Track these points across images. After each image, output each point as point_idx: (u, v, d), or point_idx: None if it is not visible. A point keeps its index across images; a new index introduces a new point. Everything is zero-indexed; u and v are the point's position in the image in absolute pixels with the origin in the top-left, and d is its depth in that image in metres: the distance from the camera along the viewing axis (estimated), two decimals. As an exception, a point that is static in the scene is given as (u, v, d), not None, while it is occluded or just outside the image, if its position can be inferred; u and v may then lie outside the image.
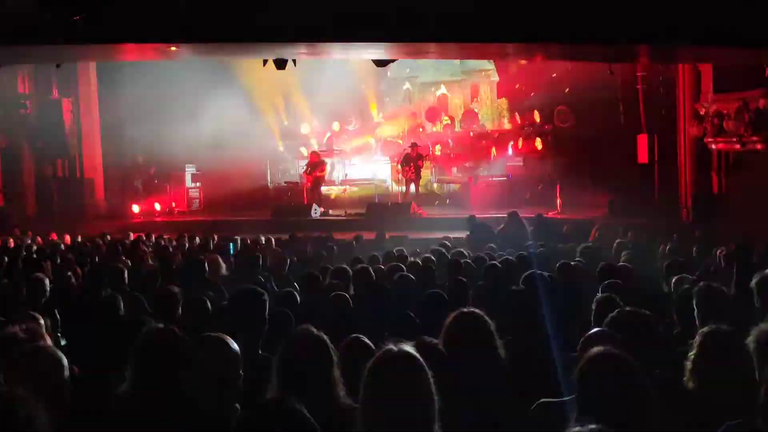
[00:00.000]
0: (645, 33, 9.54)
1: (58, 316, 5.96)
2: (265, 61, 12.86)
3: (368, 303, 5.71)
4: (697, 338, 3.33)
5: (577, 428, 2.17)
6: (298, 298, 5.88)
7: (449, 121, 21.90)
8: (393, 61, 12.59)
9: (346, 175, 20.71)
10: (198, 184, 19.94)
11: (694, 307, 4.58)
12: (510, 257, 7.83)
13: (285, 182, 20.71)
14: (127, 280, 7.18)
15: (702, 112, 15.43)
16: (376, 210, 17.49)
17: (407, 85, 23.19)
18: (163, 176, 19.69)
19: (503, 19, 7.48)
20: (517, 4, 7.51)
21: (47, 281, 6.64)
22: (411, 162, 18.22)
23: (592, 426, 2.15)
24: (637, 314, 3.75)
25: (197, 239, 12.20)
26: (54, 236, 13.32)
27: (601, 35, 9.54)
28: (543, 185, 18.80)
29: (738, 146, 14.53)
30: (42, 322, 4.61)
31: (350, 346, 3.71)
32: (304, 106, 21.77)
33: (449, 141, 21.07)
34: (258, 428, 2.31)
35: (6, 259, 9.25)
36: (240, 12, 8.72)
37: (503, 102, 22.45)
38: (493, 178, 19.38)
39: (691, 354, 3.30)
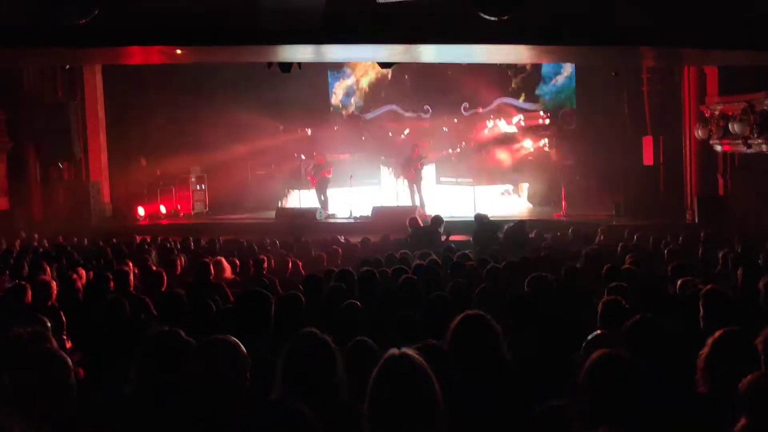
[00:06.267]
0: (649, 34, 9.49)
1: (63, 319, 5.97)
2: (269, 64, 12.83)
3: (373, 305, 5.71)
4: (710, 340, 3.29)
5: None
6: (303, 301, 5.88)
7: None
8: (396, 63, 12.57)
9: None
10: (203, 186, 19.93)
11: (700, 309, 4.57)
12: (514, 260, 7.82)
13: None
14: (132, 283, 7.20)
15: (707, 114, 15.38)
16: (381, 213, 17.46)
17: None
18: (168, 179, 19.70)
19: (502, 21, 7.42)
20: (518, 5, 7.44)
21: (53, 284, 6.66)
22: (411, 164, 18.12)
23: (596, 428, 2.15)
24: (651, 322, 3.70)
25: (202, 241, 12.23)
26: (60, 239, 13.35)
27: (603, 36, 9.50)
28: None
29: (743, 148, 14.49)
30: (48, 324, 4.62)
31: (354, 349, 3.71)
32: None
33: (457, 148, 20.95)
34: (262, 430, 2.31)
35: (12, 261, 9.27)
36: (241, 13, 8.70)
37: None
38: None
39: (704, 356, 3.26)
